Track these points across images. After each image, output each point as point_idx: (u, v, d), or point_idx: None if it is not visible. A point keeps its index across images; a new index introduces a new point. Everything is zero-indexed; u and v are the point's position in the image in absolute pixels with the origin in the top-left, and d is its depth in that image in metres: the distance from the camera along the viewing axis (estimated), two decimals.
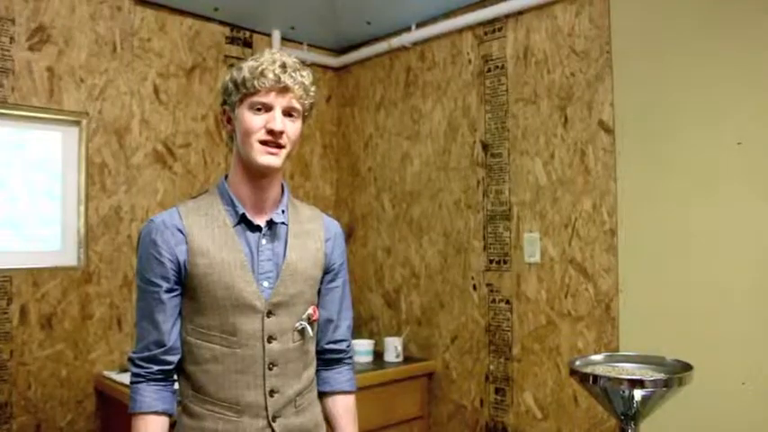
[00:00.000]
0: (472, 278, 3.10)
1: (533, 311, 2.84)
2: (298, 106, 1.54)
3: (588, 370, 1.54)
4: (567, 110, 2.74)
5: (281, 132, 1.50)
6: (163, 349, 1.51)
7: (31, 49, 2.73)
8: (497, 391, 2.97)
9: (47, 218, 2.84)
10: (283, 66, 1.50)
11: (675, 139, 2.40)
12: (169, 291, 1.51)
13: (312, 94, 1.58)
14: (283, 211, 1.62)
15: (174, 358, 1.53)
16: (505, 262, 2.96)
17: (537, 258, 2.82)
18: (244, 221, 1.56)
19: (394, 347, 3.23)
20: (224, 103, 1.58)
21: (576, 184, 2.69)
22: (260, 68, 1.48)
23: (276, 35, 3.53)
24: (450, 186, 3.22)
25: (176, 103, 3.17)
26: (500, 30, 3.01)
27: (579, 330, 2.67)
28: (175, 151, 3.16)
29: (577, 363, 1.60)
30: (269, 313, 1.54)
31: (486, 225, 3.04)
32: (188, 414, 1.55)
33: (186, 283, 1.53)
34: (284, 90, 1.50)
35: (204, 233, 1.53)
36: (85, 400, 2.83)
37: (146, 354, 1.51)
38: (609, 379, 1.45)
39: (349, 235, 3.76)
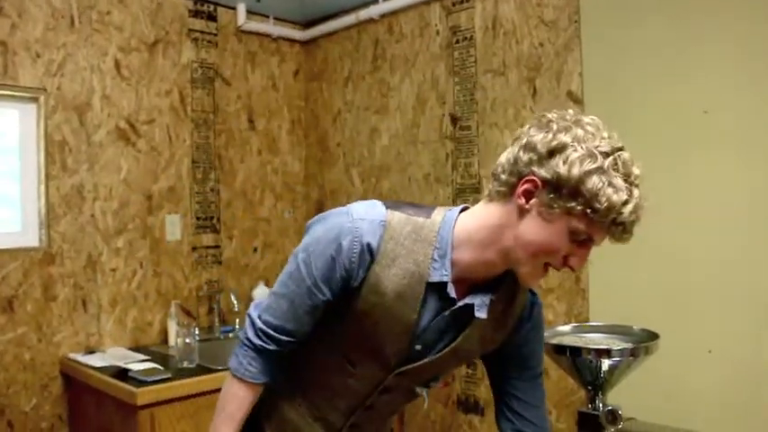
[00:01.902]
0: None
1: None
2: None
3: (556, 341, 1.53)
4: (535, 81, 2.71)
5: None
6: (288, 339, 1.36)
7: None
8: (468, 364, 2.97)
9: (5, 198, 2.77)
10: (642, 210, 1.19)
11: (643, 109, 2.38)
12: (327, 302, 1.32)
13: None
14: (492, 302, 1.29)
15: (294, 348, 1.39)
16: None
17: None
18: (441, 287, 1.27)
19: None
20: (545, 180, 1.16)
21: None
22: (624, 212, 1.14)
23: (241, 8, 3.46)
24: (420, 160, 3.19)
25: (139, 78, 3.09)
26: (468, 0, 2.96)
27: (549, 302, 2.67)
28: (139, 128, 3.09)
29: (545, 334, 1.59)
30: (399, 373, 1.36)
31: (456, 199, 3.02)
32: (279, 389, 1.48)
33: (341, 301, 1.33)
34: (617, 239, 1.20)
35: (392, 271, 1.27)
36: (51, 384, 2.78)
37: (272, 333, 1.35)
38: (576, 349, 1.44)
39: (318, 210, 3.72)
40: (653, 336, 1.49)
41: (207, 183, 3.34)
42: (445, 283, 1.26)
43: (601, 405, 1.47)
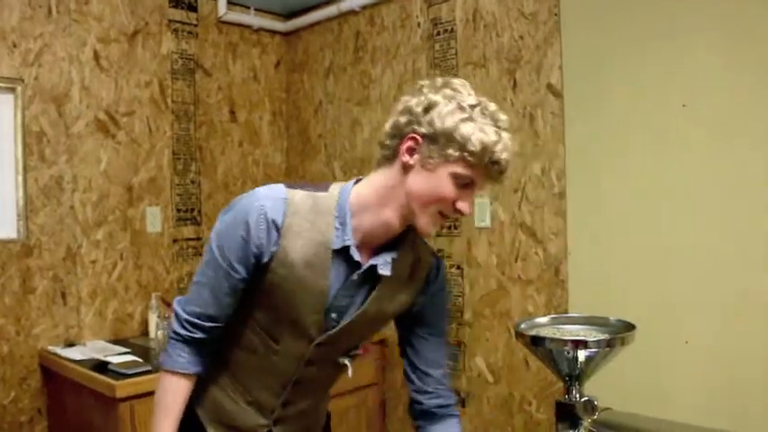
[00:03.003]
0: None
1: (484, 276, 2.85)
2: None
3: (533, 333, 1.54)
4: (515, 73, 2.72)
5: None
6: (213, 324, 1.42)
7: None
8: (449, 356, 2.98)
9: None
10: (512, 152, 1.32)
11: (622, 102, 2.40)
12: (245, 280, 1.40)
13: None
14: (393, 260, 1.39)
15: (219, 333, 1.45)
16: (456, 227, 2.95)
17: (487, 223, 2.82)
18: (345, 252, 1.37)
19: None
20: (423, 134, 1.29)
21: (525, 147, 2.69)
22: (497, 151, 1.27)
23: None
24: None
25: (118, 69, 3.07)
26: None
27: (529, 294, 2.69)
28: (118, 119, 3.06)
29: (523, 326, 1.59)
30: (320, 343, 1.44)
31: None
32: (211, 377, 1.52)
33: (258, 278, 1.40)
34: (498, 180, 1.33)
35: (299, 243, 1.36)
36: (30, 377, 2.76)
37: (196, 320, 1.42)
38: (553, 340, 1.45)
39: None
40: (629, 327, 1.50)
41: (188, 174, 3.32)
42: (348, 247, 1.35)
43: (578, 395, 1.48)
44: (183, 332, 1.42)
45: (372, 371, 3.21)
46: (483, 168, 1.28)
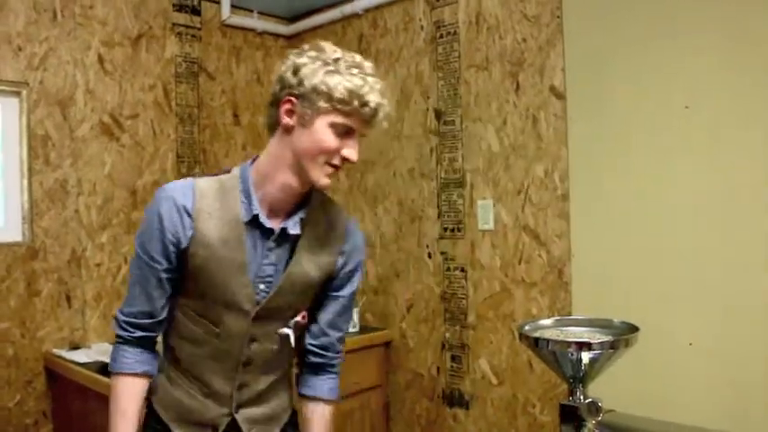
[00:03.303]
0: (427, 246, 3.10)
1: (488, 278, 2.85)
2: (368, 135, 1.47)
3: (537, 334, 1.54)
4: (518, 76, 2.73)
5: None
6: (151, 321, 1.50)
7: None
8: (453, 358, 2.99)
9: None
10: (383, 95, 1.41)
11: (625, 104, 2.40)
12: (169, 270, 1.47)
13: None
14: (302, 220, 1.50)
15: (161, 328, 1.54)
16: (459, 230, 2.96)
17: (491, 225, 2.83)
18: (256, 221, 1.46)
19: None
20: (295, 94, 1.39)
21: (528, 150, 2.69)
22: (364, 93, 1.36)
23: (225, 2, 3.45)
24: (404, 155, 3.20)
25: (122, 72, 3.08)
26: None
27: (533, 296, 2.69)
28: (123, 123, 3.08)
29: (526, 328, 1.60)
30: (256, 317, 1.50)
31: (440, 193, 3.03)
32: (165, 376, 1.57)
33: (183, 266, 1.47)
34: (373, 122, 1.42)
35: (212, 223, 1.44)
36: (35, 380, 2.77)
37: (133, 320, 1.50)
38: (557, 342, 1.46)
39: None
40: (633, 328, 1.50)
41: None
42: (257, 216, 1.45)
43: (582, 397, 1.48)
44: (123, 333, 1.50)
45: (376, 373, 3.22)
46: (356, 113, 1.38)
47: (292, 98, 1.39)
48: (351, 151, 1.42)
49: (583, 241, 2.54)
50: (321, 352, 1.65)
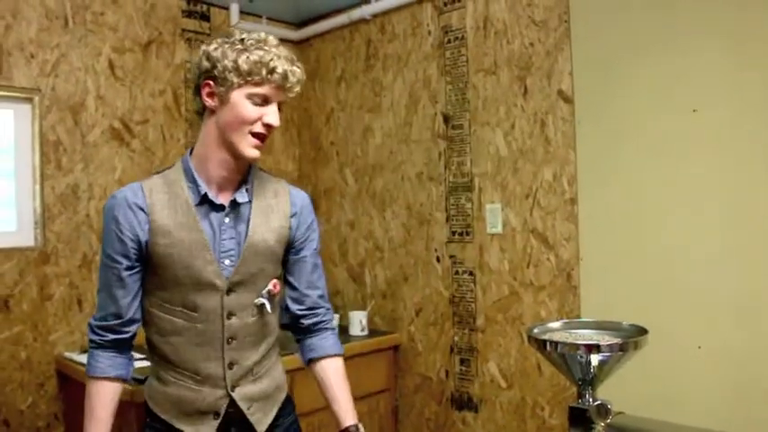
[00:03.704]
0: (435, 250, 3.11)
1: (496, 282, 2.86)
2: (288, 100, 1.59)
3: (546, 337, 1.55)
4: (526, 80, 2.74)
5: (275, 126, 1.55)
6: (120, 321, 1.57)
7: None
8: (462, 361, 3.00)
9: (0, 198, 2.77)
10: (291, 62, 1.54)
11: (633, 108, 2.41)
12: (129, 268, 1.55)
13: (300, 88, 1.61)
14: (247, 190, 1.62)
15: (131, 328, 1.59)
16: (468, 233, 2.97)
17: (499, 229, 2.84)
18: (206, 201, 1.57)
19: (359, 321, 3.23)
20: (209, 76, 1.53)
21: (536, 154, 2.71)
22: (270, 62, 1.50)
23: (234, 8, 3.46)
24: (413, 159, 3.21)
25: (133, 78, 3.11)
26: (459, 0, 2.99)
27: (541, 300, 2.70)
28: (133, 128, 3.10)
29: (535, 330, 1.61)
30: (229, 291, 1.58)
31: (449, 197, 3.04)
32: (156, 377, 1.64)
33: (148, 260, 1.56)
34: (286, 87, 1.54)
35: (166, 212, 1.54)
36: (47, 383, 2.80)
37: (103, 323, 1.57)
38: (566, 345, 1.47)
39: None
40: (642, 331, 1.51)
41: None
42: (206, 194, 1.56)
43: (591, 399, 1.49)
44: (95, 338, 1.58)
45: (384, 377, 3.23)
46: (266, 81, 1.50)
47: (210, 81, 1.53)
48: (270, 117, 1.53)
49: (591, 244, 2.55)
50: (309, 313, 1.75)
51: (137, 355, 2.73)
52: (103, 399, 1.56)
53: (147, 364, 2.61)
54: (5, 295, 2.69)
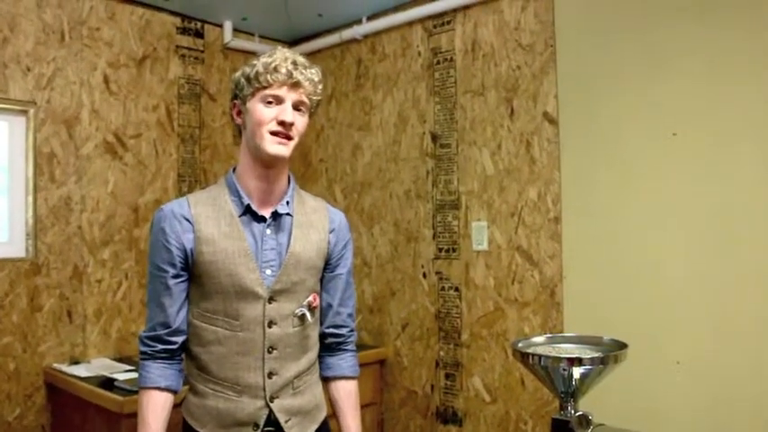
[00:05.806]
0: (422, 266, 3.16)
1: (482, 298, 2.91)
2: (306, 101, 1.62)
3: (530, 350, 1.61)
4: (513, 102, 2.81)
5: (291, 124, 1.58)
6: (168, 330, 1.61)
7: None
8: (447, 376, 3.04)
9: None
10: (295, 63, 1.59)
11: (615, 130, 2.49)
12: (176, 276, 1.61)
13: (320, 90, 1.67)
14: (288, 203, 1.68)
15: (179, 339, 1.63)
16: (454, 250, 3.02)
17: (485, 246, 2.90)
18: (249, 212, 1.64)
19: None
20: (234, 97, 1.66)
21: (521, 173, 2.77)
22: (273, 64, 1.57)
23: (228, 26, 3.53)
24: (401, 177, 3.27)
25: (127, 93, 3.15)
26: (449, 23, 3.07)
27: (526, 315, 2.76)
28: (126, 142, 3.14)
29: (520, 344, 1.67)
30: (270, 299, 1.62)
31: (436, 214, 3.10)
32: (193, 392, 1.67)
33: (193, 269, 1.62)
34: (295, 85, 1.59)
35: (211, 223, 1.61)
36: (35, 394, 2.81)
37: (152, 333, 1.62)
38: (549, 358, 1.52)
39: None
40: (622, 345, 1.57)
41: None
42: (249, 206, 1.63)
43: (573, 411, 1.54)
44: (145, 349, 1.62)
45: (370, 391, 3.26)
46: (274, 81, 1.57)
47: (235, 101, 1.66)
48: (286, 114, 1.58)
49: (574, 262, 2.61)
50: (335, 332, 1.79)
51: (125, 367, 2.78)
52: (154, 408, 1.59)
53: (136, 375, 2.65)
54: None
